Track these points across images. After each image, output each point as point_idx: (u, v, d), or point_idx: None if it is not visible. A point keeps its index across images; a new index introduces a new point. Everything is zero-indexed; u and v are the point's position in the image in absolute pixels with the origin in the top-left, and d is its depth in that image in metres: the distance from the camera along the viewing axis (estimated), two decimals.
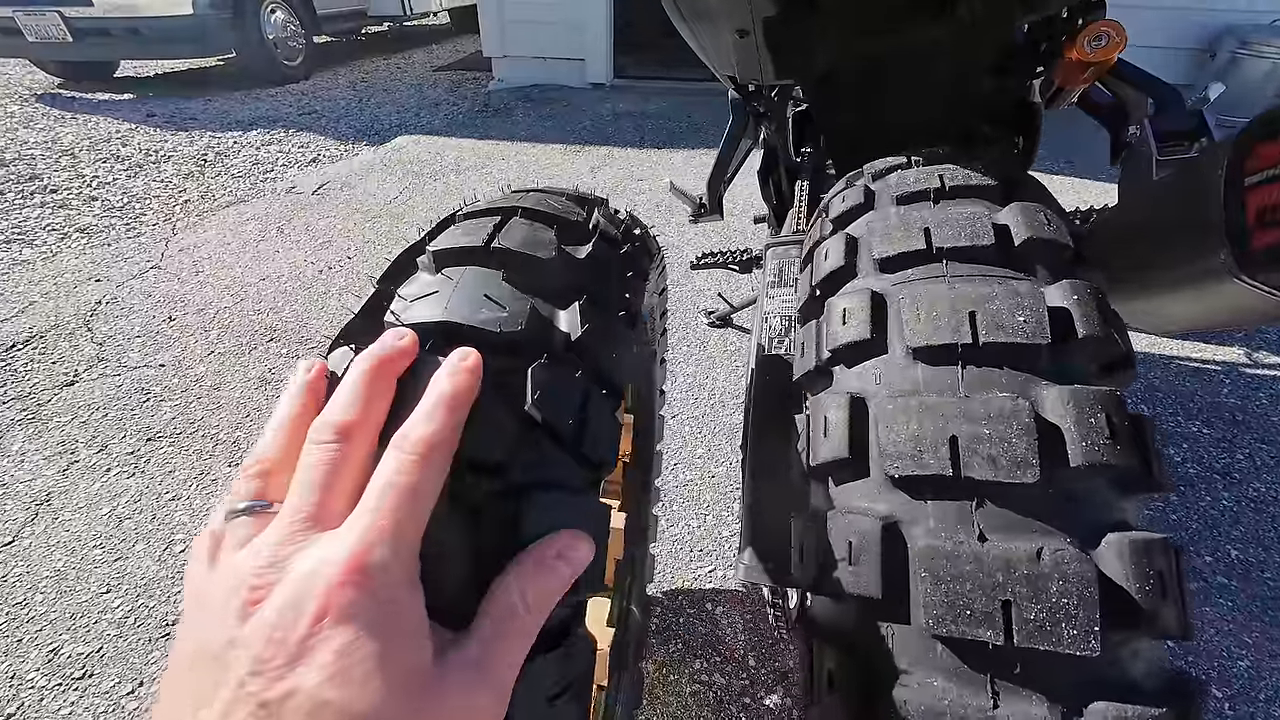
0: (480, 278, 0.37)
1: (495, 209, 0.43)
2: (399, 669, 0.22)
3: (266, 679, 0.21)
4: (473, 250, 0.39)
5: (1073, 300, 0.36)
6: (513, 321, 0.34)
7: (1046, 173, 2.97)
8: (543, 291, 0.38)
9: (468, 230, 0.41)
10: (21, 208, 2.60)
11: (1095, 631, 0.28)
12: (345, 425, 0.27)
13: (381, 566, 0.23)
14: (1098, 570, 0.29)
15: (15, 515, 1.25)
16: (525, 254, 0.39)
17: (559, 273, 0.39)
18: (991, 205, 0.44)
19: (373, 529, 0.24)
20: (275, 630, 0.22)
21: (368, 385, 0.29)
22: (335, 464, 0.26)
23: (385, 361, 0.29)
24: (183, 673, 0.23)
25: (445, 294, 0.35)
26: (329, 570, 0.23)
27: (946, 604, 0.31)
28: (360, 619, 0.22)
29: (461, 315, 0.34)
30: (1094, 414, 0.32)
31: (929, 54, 0.75)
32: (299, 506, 0.25)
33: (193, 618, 0.25)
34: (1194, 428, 1.47)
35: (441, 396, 0.28)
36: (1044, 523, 0.31)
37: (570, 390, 0.34)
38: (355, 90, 4.83)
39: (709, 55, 0.80)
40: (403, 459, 0.26)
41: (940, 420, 0.34)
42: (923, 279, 0.41)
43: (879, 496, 0.35)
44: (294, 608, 0.22)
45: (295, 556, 0.24)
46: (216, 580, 0.25)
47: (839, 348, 0.41)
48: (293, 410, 0.30)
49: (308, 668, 0.21)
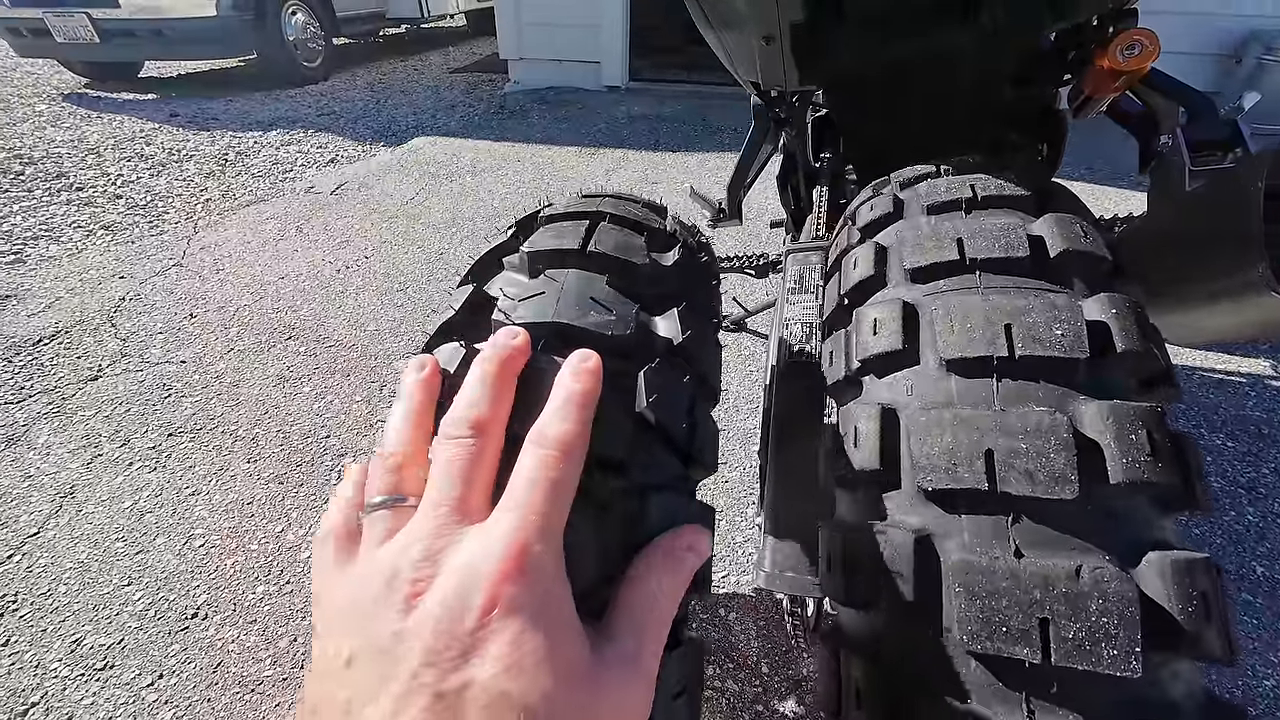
0: (584, 281, 0.37)
1: (580, 213, 0.44)
2: (565, 661, 0.23)
3: (440, 670, 0.21)
4: (569, 253, 0.39)
5: (1111, 314, 0.36)
6: (621, 326, 0.35)
7: (1065, 179, 2.92)
8: (640, 297, 0.38)
9: (559, 233, 0.41)
10: (49, 205, 2.65)
11: (1136, 652, 0.28)
12: (479, 420, 0.28)
13: (539, 560, 0.24)
14: (1139, 589, 0.29)
15: (40, 507, 1.28)
16: (622, 259, 0.39)
17: (653, 279, 0.40)
18: (1025, 216, 0.43)
19: (525, 523, 0.24)
20: (443, 622, 0.22)
21: (495, 382, 0.29)
22: (473, 459, 0.27)
23: (509, 360, 0.30)
24: (337, 670, 0.23)
25: (552, 296, 0.35)
26: (490, 564, 0.23)
27: (982, 620, 0.30)
28: (526, 612, 0.22)
29: (571, 318, 0.34)
30: (1135, 430, 0.31)
31: (953, 61, 0.75)
32: (442, 500, 0.26)
33: (342, 615, 0.25)
34: (1218, 441, 1.44)
35: (572, 395, 0.28)
36: (1082, 540, 0.31)
37: (681, 394, 0.35)
38: (373, 91, 4.89)
39: (733, 61, 0.80)
40: (545, 455, 0.26)
41: (975, 433, 0.33)
42: (955, 290, 0.40)
43: (911, 509, 0.35)
44: (460, 600, 0.22)
45: (448, 550, 0.24)
46: (365, 575, 0.25)
47: (869, 358, 0.40)
48: (414, 405, 0.30)
49: (482, 660, 0.21)
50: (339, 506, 0.30)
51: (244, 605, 1.10)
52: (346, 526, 0.29)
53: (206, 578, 1.14)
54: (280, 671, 1.00)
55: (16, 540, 1.21)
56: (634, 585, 0.28)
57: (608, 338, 0.34)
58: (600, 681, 0.24)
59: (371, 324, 1.89)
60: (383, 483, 0.28)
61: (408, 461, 0.28)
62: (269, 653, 1.02)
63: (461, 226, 2.52)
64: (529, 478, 0.26)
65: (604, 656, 0.24)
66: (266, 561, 1.17)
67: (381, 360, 1.73)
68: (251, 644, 1.03)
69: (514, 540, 0.24)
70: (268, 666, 1.00)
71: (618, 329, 0.35)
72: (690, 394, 0.36)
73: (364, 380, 1.65)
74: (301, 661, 1.01)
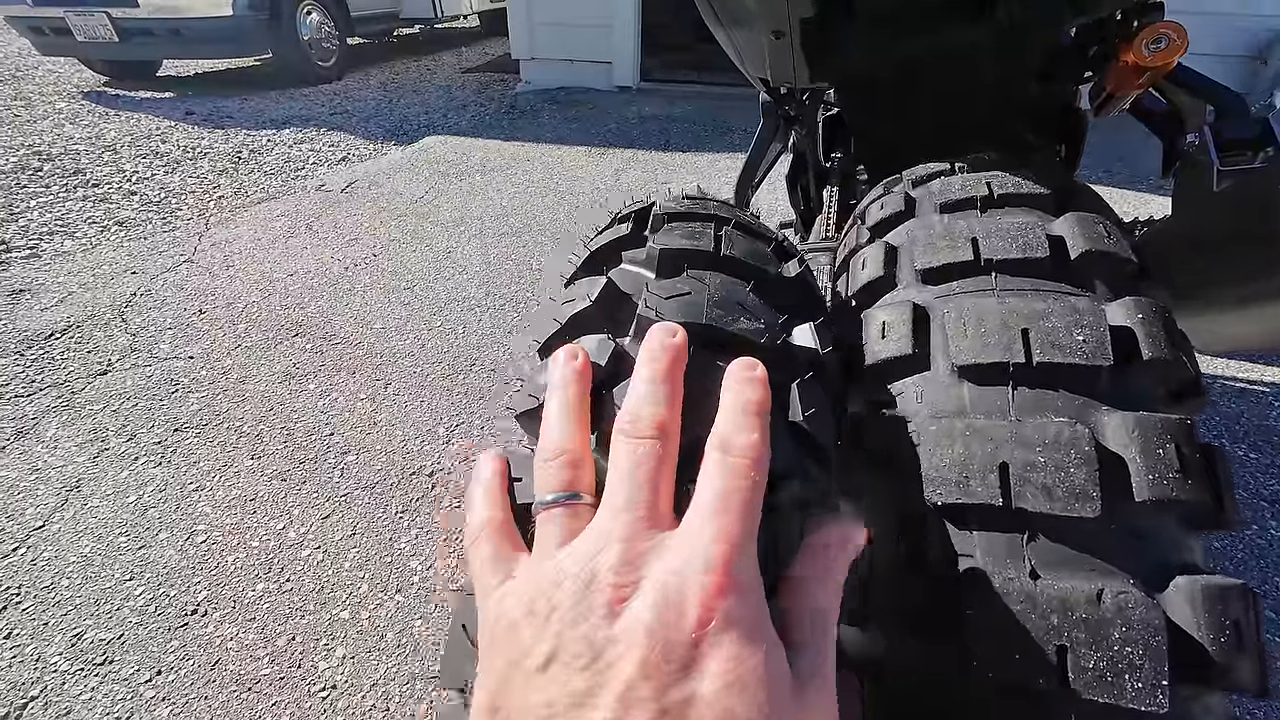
0: (729, 286, 0.36)
1: (703, 215, 0.43)
2: (778, 678, 0.22)
3: (659, 683, 0.20)
4: (702, 254, 0.38)
5: (1137, 319, 0.33)
6: (771, 334, 0.34)
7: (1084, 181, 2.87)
8: (776, 306, 0.37)
9: (689, 234, 0.40)
10: (65, 200, 2.69)
11: (1163, 685, 0.26)
12: (663, 420, 0.27)
13: (747, 572, 0.23)
14: (1166, 617, 0.27)
15: (46, 500, 1.29)
16: (757, 266, 0.39)
17: (782, 288, 0.39)
18: (1044, 215, 0.41)
19: (729, 533, 0.23)
20: (658, 632, 0.21)
21: (669, 381, 0.28)
22: (660, 460, 0.26)
23: (679, 359, 0.29)
24: (529, 674, 0.22)
25: (700, 298, 0.34)
26: (702, 575, 0.22)
27: (994, 645, 0.28)
28: (741, 627, 0.22)
29: (721, 321, 0.33)
30: (1162, 444, 0.29)
31: (969, 58, 0.73)
32: (632, 503, 0.25)
33: (530, 616, 0.23)
34: (1240, 451, 1.40)
35: (749, 404, 0.27)
36: (1104, 561, 0.29)
37: (828, 408, 0.34)
38: (386, 91, 4.91)
39: (743, 58, 0.78)
40: (736, 464, 0.25)
41: (989, 445, 0.31)
42: (969, 292, 0.38)
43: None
44: (674, 611, 0.21)
45: (649, 556, 0.23)
46: (552, 576, 0.24)
47: (877, 363, 0.38)
48: (570, 398, 0.29)
49: (702, 675, 0.20)
50: (488, 500, 0.29)
51: (243, 602, 1.09)
52: (504, 522, 0.28)
53: (207, 574, 1.14)
54: (277, 670, 0.99)
55: (22, 533, 1.21)
56: (799, 592, 0.27)
57: (758, 345, 0.33)
58: (803, 696, 0.23)
59: (378, 321, 1.89)
60: (555, 479, 0.27)
61: (577, 458, 0.27)
62: (266, 651, 1.02)
63: (469, 225, 2.52)
64: (724, 487, 0.25)
65: (800, 672, 0.24)
66: (267, 558, 1.17)
67: (387, 358, 1.73)
68: (249, 642, 1.03)
69: (722, 550, 0.23)
70: (265, 665, 1.00)
71: (768, 338, 0.34)
72: (834, 409, 0.35)
73: (369, 378, 1.65)
74: (299, 662, 1.00)
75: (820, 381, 0.35)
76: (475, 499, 0.30)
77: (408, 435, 1.46)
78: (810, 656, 0.25)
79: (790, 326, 0.36)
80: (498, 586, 0.26)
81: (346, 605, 1.09)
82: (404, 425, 1.49)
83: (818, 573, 0.27)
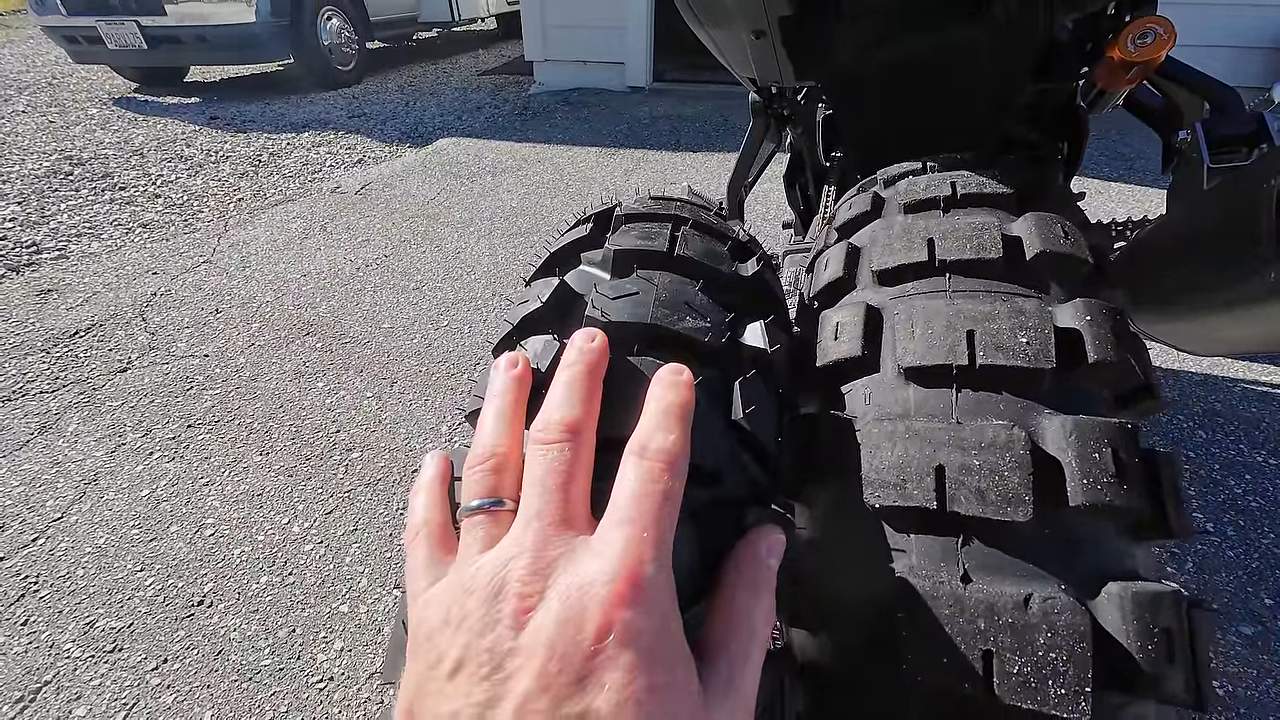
0: (678, 285, 0.37)
1: (661, 215, 0.43)
2: (680, 693, 0.22)
3: (554, 698, 0.20)
4: (656, 255, 0.39)
5: (1085, 321, 0.33)
6: (716, 333, 0.34)
7: (1104, 180, 2.80)
8: (727, 305, 0.37)
9: (645, 234, 0.41)
10: (93, 204, 2.78)
11: (1086, 692, 0.25)
12: (574, 423, 0.27)
13: (654, 581, 0.23)
14: (1093, 623, 0.26)
15: (65, 493, 1.34)
16: (710, 266, 0.39)
17: (735, 288, 0.40)
18: (1005, 215, 0.41)
19: (638, 540, 0.23)
20: (557, 645, 0.21)
21: (585, 384, 0.28)
22: (571, 464, 0.26)
23: (596, 363, 0.29)
24: (439, 680, 0.22)
25: (646, 296, 0.35)
26: (605, 585, 0.22)
27: (923, 649, 0.28)
28: (642, 639, 0.21)
29: (666, 320, 0.33)
30: (1099, 448, 0.29)
31: (962, 55, 0.71)
32: (544, 510, 0.25)
33: (445, 623, 0.24)
34: (1259, 458, 1.35)
35: (670, 406, 0.27)
36: (1038, 566, 0.28)
37: (773, 406, 0.34)
38: (403, 94, 4.99)
39: (727, 57, 0.78)
40: (651, 467, 0.25)
41: (928, 448, 0.31)
42: (923, 294, 0.38)
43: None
44: (574, 623, 0.21)
45: (557, 565, 0.23)
46: (467, 584, 0.24)
47: (828, 364, 0.38)
48: (506, 403, 0.30)
49: (598, 689, 0.20)
50: (427, 502, 0.30)
51: (248, 594, 1.12)
52: (440, 525, 0.28)
53: (214, 566, 1.17)
54: (277, 661, 1.01)
55: (42, 524, 1.26)
56: (725, 599, 0.27)
57: (702, 344, 0.33)
58: (713, 712, 0.23)
59: (386, 321, 1.92)
60: (480, 485, 0.27)
61: (504, 463, 0.27)
62: (268, 643, 1.04)
63: (479, 226, 2.54)
64: (637, 491, 0.25)
65: (709, 684, 0.23)
66: (272, 552, 1.20)
67: (394, 357, 1.76)
68: (252, 633, 1.06)
69: (628, 559, 0.23)
70: (265, 656, 1.02)
71: (712, 336, 0.34)
72: (778, 408, 0.35)
73: (375, 377, 1.68)
74: (299, 654, 1.03)
75: (765, 380, 0.35)
76: (415, 500, 0.30)
77: (411, 433, 1.48)
78: (728, 668, 0.24)
79: (738, 325, 0.36)
80: (424, 591, 0.26)
81: (346, 599, 1.11)
82: (408, 423, 1.51)
83: (746, 581, 0.27)
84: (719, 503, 0.30)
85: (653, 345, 0.33)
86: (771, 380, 0.36)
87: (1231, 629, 1.04)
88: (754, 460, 0.33)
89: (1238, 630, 1.04)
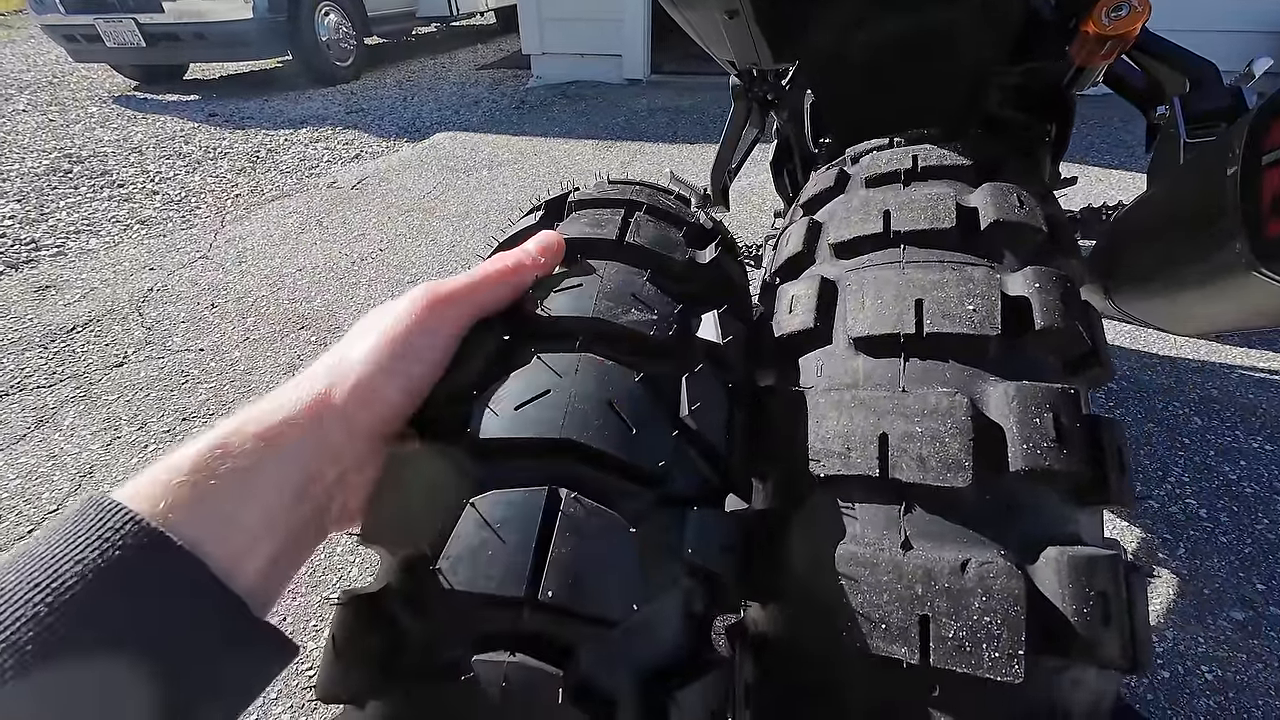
0: (625, 276, 0.36)
1: (614, 200, 0.42)
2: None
3: None
4: (605, 243, 0.38)
5: (1034, 289, 0.32)
6: (664, 326, 0.33)
7: (1105, 167, 2.77)
8: (678, 295, 0.37)
9: (595, 222, 0.40)
10: (92, 200, 2.79)
11: (1019, 655, 0.25)
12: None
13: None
14: (1028, 587, 0.26)
15: (61, 485, 1.35)
16: (660, 254, 0.38)
17: (690, 276, 0.39)
18: (963, 186, 0.40)
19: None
20: None
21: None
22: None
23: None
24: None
25: (591, 288, 0.34)
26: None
27: (862, 616, 0.28)
28: None
29: (612, 314, 0.33)
30: (1040, 413, 0.28)
31: (943, 34, 0.70)
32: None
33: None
34: (1255, 444, 1.34)
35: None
36: (977, 532, 0.28)
37: (723, 402, 0.34)
38: (401, 89, 4.98)
39: (702, 39, 0.78)
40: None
41: (873, 416, 0.31)
42: (877, 265, 0.38)
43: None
44: None
45: None
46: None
47: (783, 336, 0.38)
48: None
49: None
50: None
51: None
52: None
53: None
54: None
55: (38, 516, 1.27)
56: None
57: (649, 338, 0.32)
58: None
59: None
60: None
61: None
62: None
63: (474, 220, 2.54)
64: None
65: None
66: None
67: None
68: None
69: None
70: None
71: (660, 330, 0.33)
72: (729, 404, 0.34)
73: None
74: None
75: (716, 373, 0.34)
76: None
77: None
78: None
79: (688, 315, 0.35)
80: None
81: (336, 588, 1.12)
82: None
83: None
84: (666, 504, 0.29)
85: (597, 339, 0.32)
86: (724, 373, 0.35)
87: (1223, 614, 1.04)
88: (701, 457, 0.32)
89: (1229, 615, 1.03)
